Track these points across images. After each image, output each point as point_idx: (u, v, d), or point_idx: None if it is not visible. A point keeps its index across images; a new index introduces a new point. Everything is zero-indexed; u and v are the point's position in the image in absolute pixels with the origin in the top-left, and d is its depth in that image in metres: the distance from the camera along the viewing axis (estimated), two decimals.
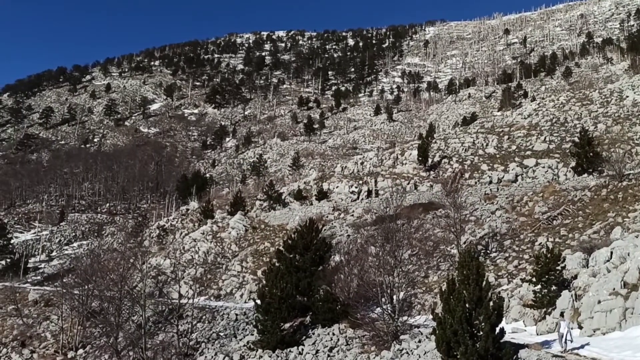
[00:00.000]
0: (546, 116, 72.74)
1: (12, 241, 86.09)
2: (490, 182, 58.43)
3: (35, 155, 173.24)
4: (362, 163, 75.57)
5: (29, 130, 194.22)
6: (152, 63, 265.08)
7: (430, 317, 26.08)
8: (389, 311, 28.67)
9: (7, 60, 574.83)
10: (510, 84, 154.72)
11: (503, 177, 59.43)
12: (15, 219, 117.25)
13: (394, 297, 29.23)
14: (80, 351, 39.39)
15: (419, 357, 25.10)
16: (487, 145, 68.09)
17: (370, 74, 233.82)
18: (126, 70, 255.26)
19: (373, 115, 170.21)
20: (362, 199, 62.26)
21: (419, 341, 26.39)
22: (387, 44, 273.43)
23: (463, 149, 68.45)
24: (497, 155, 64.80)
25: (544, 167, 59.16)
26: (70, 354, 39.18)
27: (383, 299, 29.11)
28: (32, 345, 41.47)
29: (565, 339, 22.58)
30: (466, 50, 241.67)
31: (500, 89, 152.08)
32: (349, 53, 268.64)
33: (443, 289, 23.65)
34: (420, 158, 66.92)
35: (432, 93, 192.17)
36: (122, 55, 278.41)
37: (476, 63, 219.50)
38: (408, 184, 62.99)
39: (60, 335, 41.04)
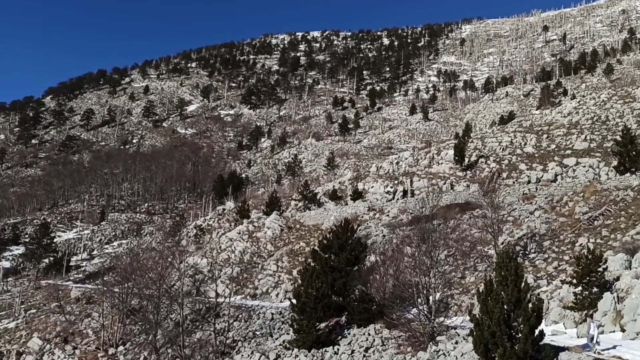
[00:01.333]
0: (587, 114, 71.05)
1: (55, 240, 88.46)
2: (529, 182, 57.42)
3: (77, 156, 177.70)
4: (397, 163, 75.12)
5: (71, 131, 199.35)
6: (189, 65, 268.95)
7: (468, 318, 25.78)
8: (425, 312, 28.44)
9: (50, 64, 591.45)
10: (549, 81, 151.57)
11: (542, 177, 58.32)
12: (58, 218, 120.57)
13: (430, 297, 28.98)
14: (121, 348, 40.19)
15: (456, 358, 24.84)
16: (525, 144, 66.89)
17: (406, 73, 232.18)
18: (164, 72, 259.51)
19: (408, 115, 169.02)
20: (398, 199, 61.90)
21: (456, 342, 26.12)
22: (422, 43, 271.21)
23: (500, 148, 67.40)
24: (536, 155, 63.61)
25: (584, 166, 57.84)
26: (111, 351, 40.02)
27: (419, 300, 28.88)
28: (75, 341, 42.46)
29: (595, 340, 22.19)
30: (503, 48, 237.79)
31: (539, 87, 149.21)
32: (384, 52, 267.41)
33: (480, 290, 23.35)
34: (456, 158, 66.21)
35: (468, 92, 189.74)
36: (160, 57, 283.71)
37: (514, 61, 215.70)
38: (444, 183, 62.37)
39: (101, 332, 41.93)
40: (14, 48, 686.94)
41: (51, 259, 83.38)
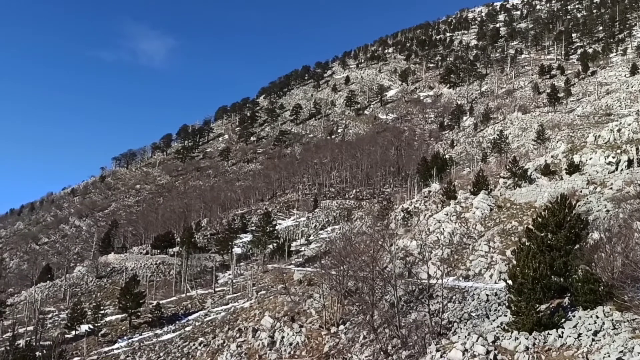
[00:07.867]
0: None
1: (276, 227, 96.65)
2: None
3: (289, 149, 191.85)
4: (619, 130, 67.81)
5: (283, 127, 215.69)
6: (386, 50, 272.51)
7: None
8: None
9: (262, 65, 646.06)
10: None
11: None
12: (277, 207, 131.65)
13: None
14: (342, 327, 42.55)
15: None
16: None
17: (623, 30, 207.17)
18: (362, 61, 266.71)
19: (629, 76, 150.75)
20: (622, 170, 56.08)
21: None
22: None
23: None
24: None
25: None
26: (333, 329, 42.60)
27: None
28: (300, 320, 46.03)
29: None
30: None
31: None
32: (595, 10, 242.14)
33: None
34: None
35: None
36: (358, 47, 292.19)
37: None
38: None
39: (322, 312, 44.85)
40: (234, 51, 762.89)
41: (274, 244, 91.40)
